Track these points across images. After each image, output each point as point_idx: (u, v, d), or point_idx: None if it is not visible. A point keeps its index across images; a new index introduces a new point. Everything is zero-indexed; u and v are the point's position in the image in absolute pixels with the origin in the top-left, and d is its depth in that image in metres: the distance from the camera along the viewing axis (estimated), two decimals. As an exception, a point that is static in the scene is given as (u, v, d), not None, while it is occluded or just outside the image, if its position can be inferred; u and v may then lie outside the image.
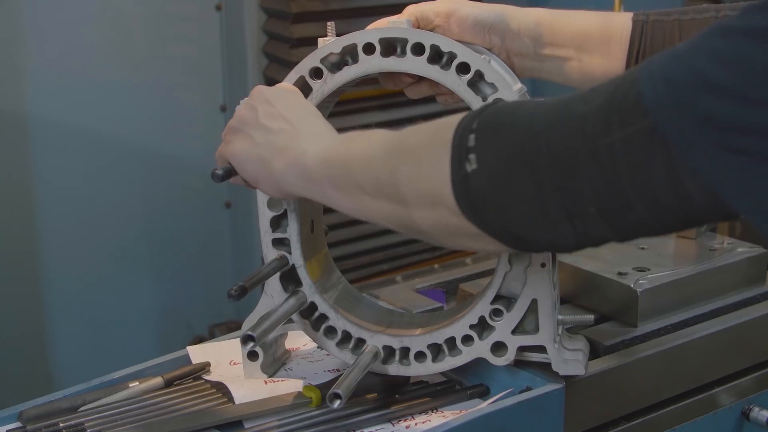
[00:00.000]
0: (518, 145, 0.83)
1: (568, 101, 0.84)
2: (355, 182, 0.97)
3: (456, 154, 0.86)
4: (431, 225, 0.92)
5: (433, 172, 0.88)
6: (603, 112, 0.79)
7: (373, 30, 1.16)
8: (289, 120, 1.08)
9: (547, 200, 0.82)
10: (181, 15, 2.31)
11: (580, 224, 0.82)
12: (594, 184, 0.79)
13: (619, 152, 0.77)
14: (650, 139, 0.76)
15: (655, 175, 0.77)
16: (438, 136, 0.89)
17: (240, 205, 2.40)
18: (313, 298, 1.21)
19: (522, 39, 1.20)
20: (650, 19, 1.18)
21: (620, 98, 0.79)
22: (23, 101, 2.13)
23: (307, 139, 1.05)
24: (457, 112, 2.65)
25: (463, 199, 0.87)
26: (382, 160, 0.95)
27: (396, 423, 1.15)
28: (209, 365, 1.27)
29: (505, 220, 0.86)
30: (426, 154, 0.90)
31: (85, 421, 1.14)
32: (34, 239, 2.20)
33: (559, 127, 0.81)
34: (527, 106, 0.87)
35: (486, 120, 0.87)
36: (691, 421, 1.30)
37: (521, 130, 0.84)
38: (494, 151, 0.84)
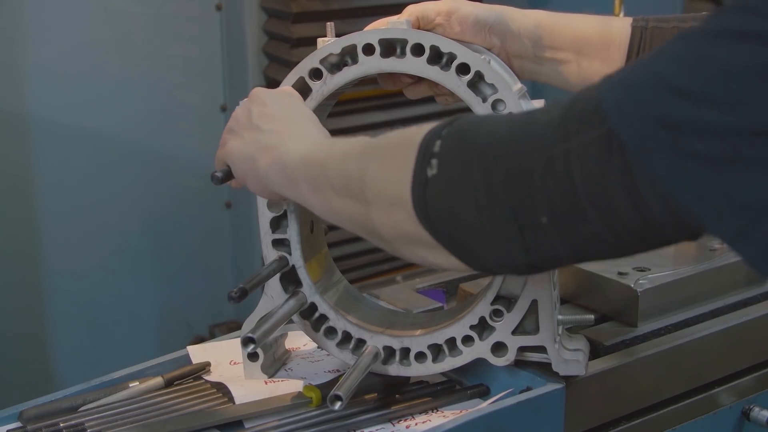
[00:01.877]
0: (477, 153, 0.82)
1: (533, 112, 0.83)
2: (327, 180, 0.97)
3: (420, 157, 0.86)
4: (389, 229, 0.91)
5: (396, 174, 0.88)
6: (562, 120, 0.78)
7: (372, 31, 1.16)
8: (281, 121, 1.08)
9: (498, 209, 0.81)
10: (181, 15, 2.31)
11: (530, 237, 0.80)
12: (548, 193, 0.78)
13: (575, 159, 0.76)
14: (607, 145, 0.74)
15: (611, 183, 0.75)
16: (409, 139, 0.89)
17: (240, 205, 2.40)
18: (314, 299, 1.21)
19: (522, 40, 1.20)
20: (649, 25, 1.18)
21: (580, 106, 0.78)
22: (23, 101, 2.13)
23: (294, 140, 1.05)
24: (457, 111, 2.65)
25: (420, 204, 0.86)
26: (354, 158, 0.95)
27: (396, 423, 1.15)
28: (209, 365, 1.27)
29: (455, 229, 0.85)
30: (394, 155, 0.90)
31: (86, 421, 1.14)
32: (34, 239, 2.20)
33: (519, 135, 0.81)
34: (497, 117, 0.87)
35: (455, 128, 0.86)
36: (691, 421, 1.30)
37: (484, 139, 0.83)
38: (454, 159, 0.84)
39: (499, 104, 1.13)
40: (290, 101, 1.13)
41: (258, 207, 1.21)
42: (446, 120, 0.89)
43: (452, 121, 0.88)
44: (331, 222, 1.03)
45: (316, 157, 1.01)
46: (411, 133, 0.90)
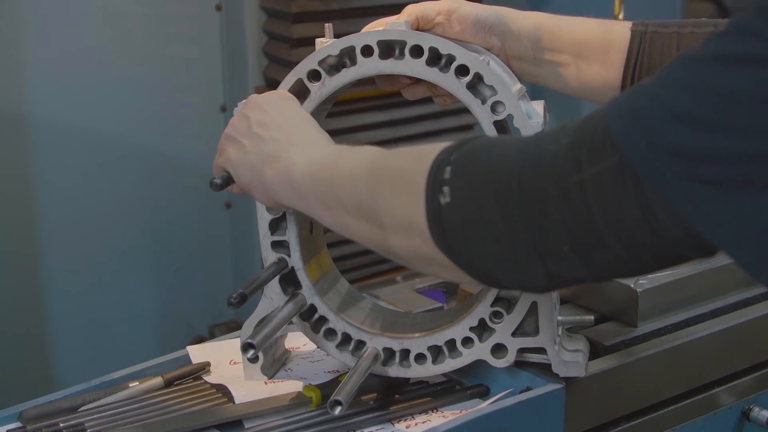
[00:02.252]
0: (490, 183, 0.83)
1: (541, 139, 0.83)
2: (338, 200, 0.97)
3: (431, 184, 0.86)
4: (406, 252, 0.92)
5: (409, 200, 0.88)
6: (573, 149, 0.78)
7: (371, 32, 1.16)
8: (281, 128, 1.08)
9: (518, 240, 0.81)
10: (181, 15, 2.31)
11: (552, 264, 0.81)
12: (566, 223, 0.78)
13: (589, 190, 0.77)
14: (621, 175, 0.75)
15: (627, 210, 0.75)
16: (418, 164, 0.89)
17: (240, 206, 2.41)
18: (313, 301, 1.21)
19: (522, 42, 1.20)
20: (649, 30, 1.19)
21: (589, 135, 0.78)
22: (23, 101, 2.13)
23: (298, 149, 1.04)
24: (456, 112, 2.64)
25: (437, 230, 0.86)
26: (364, 180, 0.95)
27: (396, 423, 1.15)
28: (209, 365, 1.27)
29: (475, 255, 0.86)
30: (404, 180, 0.90)
31: (85, 421, 1.14)
32: (34, 239, 2.20)
33: (530, 165, 0.81)
34: (505, 142, 0.87)
35: (463, 154, 0.86)
36: (691, 421, 1.30)
37: (494, 167, 0.83)
38: (467, 187, 0.84)
39: (498, 106, 1.13)
40: (288, 106, 1.13)
41: (257, 209, 1.21)
42: (453, 144, 0.88)
43: (460, 145, 0.88)
44: (345, 237, 1.02)
45: (323, 173, 1.00)
46: (421, 157, 0.89)
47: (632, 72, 1.19)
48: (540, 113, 1.14)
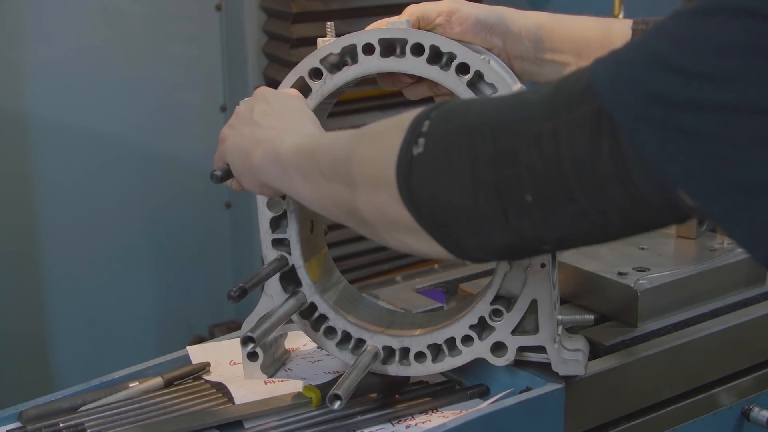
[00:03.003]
0: (464, 133, 0.82)
1: (523, 92, 0.83)
2: (317, 165, 0.97)
3: (408, 137, 0.86)
4: (372, 212, 0.90)
5: (383, 154, 0.88)
6: (552, 96, 0.78)
7: (372, 30, 1.16)
8: (280, 117, 1.08)
9: (482, 189, 0.80)
10: (181, 15, 2.31)
11: (513, 217, 0.79)
12: (533, 171, 0.77)
13: (562, 136, 0.75)
14: (597, 122, 0.74)
15: (599, 160, 0.74)
16: (398, 122, 0.89)
17: (240, 205, 2.41)
18: (313, 299, 1.22)
19: (523, 41, 1.20)
20: (650, 28, 1.18)
21: (571, 84, 0.77)
22: (23, 101, 2.13)
23: (290, 133, 1.05)
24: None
25: (404, 183, 0.85)
26: (344, 141, 0.95)
27: (396, 423, 1.15)
28: (209, 365, 1.27)
29: (438, 210, 0.84)
30: (382, 137, 0.90)
31: (85, 421, 1.14)
32: (34, 239, 2.20)
33: (507, 112, 0.80)
34: (487, 98, 0.87)
35: (444, 108, 0.86)
36: (691, 421, 1.30)
37: (471, 118, 0.82)
38: (441, 137, 0.84)
39: (498, 104, 1.13)
40: (294, 101, 1.13)
41: (258, 207, 1.22)
42: (438, 102, 0.89)
43: (444, 103, 0.88)
44: (318, 211, 1.02)
45: (308, 144, 1.01)
46: (402, 117, 0.90)
47: None
48: (540, 112, 1.14)
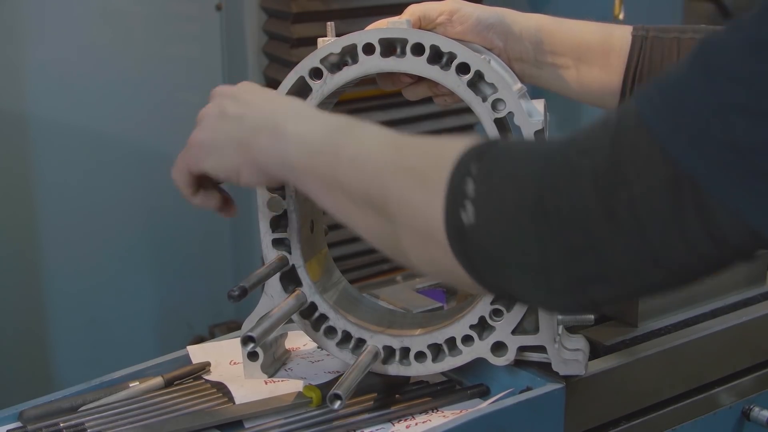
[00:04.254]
0: (522, 208, 0.76)
1: (567, 150, 0.76)
2: (340, 185, 0.92)
3: (452, 196, 0.80)
4: (419, 257, 0.86)
5: (426, 206, 0.82)
6: (613, 162, 0.72)
7: (372, 30, 1.16)
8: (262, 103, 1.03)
9: (556, 269, 0.75)
10: (181, 15, 2.31)
11: (594, 290, 0.76)
12: (614, 246, 0.72)
13: (641, 206, 0.71)
14: (675, 184, 0.69)
15: (686, 222, 0.70)
16: (436, 166, 0.83)
17: (240, 206, 2.40)
18: (313, 299, 1.22)
19: (523, 43, 1.20)
20: (649, 35, 1.19)
21: (629, 143, 0.72)
22: (23, 101, 2.13)
23: (290, 119, 0.99)
24: (457, 112, 2.63)
25: (460, 249, 0.80)
26: (373, 170, 0.89)
27: (396, 423, 1.15)
28: (209, 365, 1.27)
29: (504, 281, 0.80)
30: (421, 182, 0.84)
31: (86, 421, 1.14)
32: (34, 239, 2.20)
33: (567, 185, 0.74)
34: (529, 154, 0.80)
35: (486, 168, 0.80)
36: (691, 421, 1.30)
37: (524, 187, 0.77)
38: (494, 211, 0.78)
39: (499, 103, 1.13)
40: (258, 87, 1.08)
41: (258, 206, 1.22)
42: (472, 150, 0.82)
43: (482, 153, 0.81)
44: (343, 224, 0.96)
45: (324, 153, 0.94)
46: (439, 158, 0.83)
47: (632, 77, 1.19)
48: (540, 112, 1.14)
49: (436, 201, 0.81)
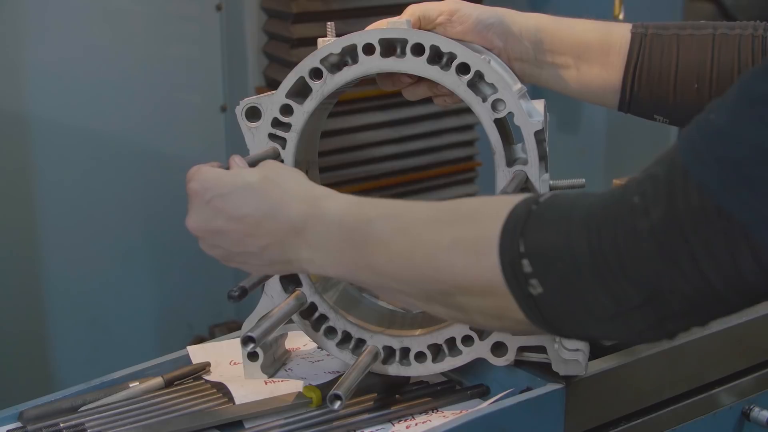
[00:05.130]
0: (586, 271, 0.78)
1: (620, 214, 0.77)
2: (391, 289, 0.91)
3: (513, 280, 0.81)
4: (497, 328, 0.90)
5: (491, 297, 0.83)
6: (671, 222, 0.74)
7: (372, 30, 1.16)
8: (262, 222, 0.97)
9: (631, 315, 0.78)
10: (182, 15, 2.31)
11: (669, 324, 0.79)
12: (683, 294, 0.75)
13: (703, 257, 0.74)
14: (730, 233, 0.72)
15: (744, 265, 0.73)
16: (481, 261, 0.83)
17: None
18: (313, 299, 1.22)
19: (523, 43, 1.20)
20: (649, 32, 1.19)
21: (682, 200, 0.74)
22: (23, 101, 2.13)
23: (301, 246, 0.95)
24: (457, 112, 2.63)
25: (536, 318, 0.82)
26: (422, 287, 0.88)
27: (396, 423, 1.15)
28: (209, 365, 1.27)
29: (583, 332, 0.84)
30: (475, 279, 0.84)
31: (86, 421, 1.14)
32: (34, 240, 2.20)
33: (629, 247, 0.76)
34: (574, 221, 0.80)
35: (535, 242, 0.81)
36: (691, 421, 1.30)
37: (581, 253, 0.78)
38: (559, 278, 0.80)
39: (499, 103, 1.13)
40: (246, 194, 0.99)
41: (258, 207, 1.21)
42: (508, 227, 0.82)
43: (522, 228, 0.82)
44: None
45: (358, 266, 0.92)
46: (480, 253, 0.83)
47: (632, 74, 1.19)
48: (540, 112, 1.14)
49: (498, 287, 0.82)
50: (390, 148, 2.35)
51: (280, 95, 1.19)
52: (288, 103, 1.18)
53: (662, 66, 1.17)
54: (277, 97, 1.19)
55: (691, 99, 1.17)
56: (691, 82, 1.16)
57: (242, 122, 1.20)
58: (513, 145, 1.18)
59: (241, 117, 1.20)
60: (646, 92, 1.19)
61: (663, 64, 1.17)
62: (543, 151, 1.15)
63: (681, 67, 1.16)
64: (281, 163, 1.13)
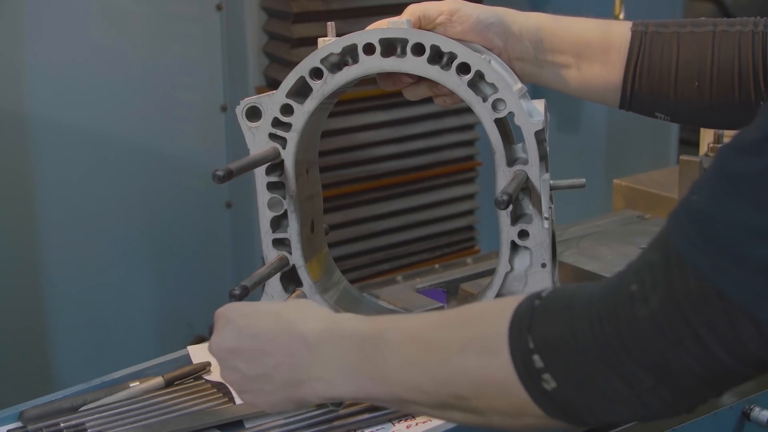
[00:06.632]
0: (595, 360, 0.79)
1: (620, 304, 0.78)
2: (405, 401, 0.91)
3: (527, 377, 0.82)
4: (520, 429, 0.88)
5: (507, 396, 0.84)
6: (671, 307, 0.75)
7: (373, 30, 1.16)
8: (268, 342, 0.96)
9: (647, 396, 0.79)
10: (182, 15, 2.31)
11: (685, 400, 0.80)
12: (692, 371, 0.77)
13: (708, 340, 0.74)
14: (731, 315, 0.73)
15: (749, 341, 0.74)
16: (493, 361, 0.84)
17: (240, 205, 2.41)
18: (314, 299, 1.21)
19: (523, 43, 1.20)
20: (649, 30, 1.19)
21: (679, 284, 0.75)
22: (23, 101, 2.13)
23: (313, 365, 0.94)
24: (457, 112, 2.63)
25: (553, 410, 0.83)
26: (436, 393, 0.88)
27: (396, 423, 1.15)
28: (210, 365, 1.27)
29: (603, 417, 0.84)
30: (489, 379, 0.84)
31: (86, 421, 1.14)
32: (34, 239, 2.20)
33: (633, 334, 0.77)
34: (575, 311, 0.81)
35: (542, 336, 0.82)
36: (691, 421, 1.30)
37: (588, 343, 0.79)
38: (571, 371, 0.80)
39: (499, 103, 1.13)
40: (261, 317, 0.99)
41: (258, 207, 1.22)
42: (519, 322, 0.83)
43: (528, 325, 0.82)
44: None
45: (375, 387, 0.91)
46: (492, 356, 0.84)
47: (633, 72, 1.19)
48: (541, 112, 1.14)
49: (511, 385, 0.83)
50: (390, 148, 2.35)
51: (281, 95, 1.19)
52: (288, 103, 1.18)
53: (663, 64, 1.17)
54: (277, 97, 1.19)
55: (692, 96, 1.17)
56: (692, 79, 1.16)
57: (242, 122, 1.20)
58: (513, 145, 1.18)
59: (242, 117, 1.20)
60: (647, 90, 1.19)
61: (663, 61, 1.17)
62: (543, 151, 1.15)
63: (681, 64, 1.17)
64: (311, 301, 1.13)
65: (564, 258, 1.38)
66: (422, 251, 2.44)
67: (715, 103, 1.16)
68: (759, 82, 1.13)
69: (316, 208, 1.27)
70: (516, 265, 1.16)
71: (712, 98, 1.16)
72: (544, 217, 1.15)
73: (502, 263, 1.16)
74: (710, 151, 1.57)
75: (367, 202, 2.33)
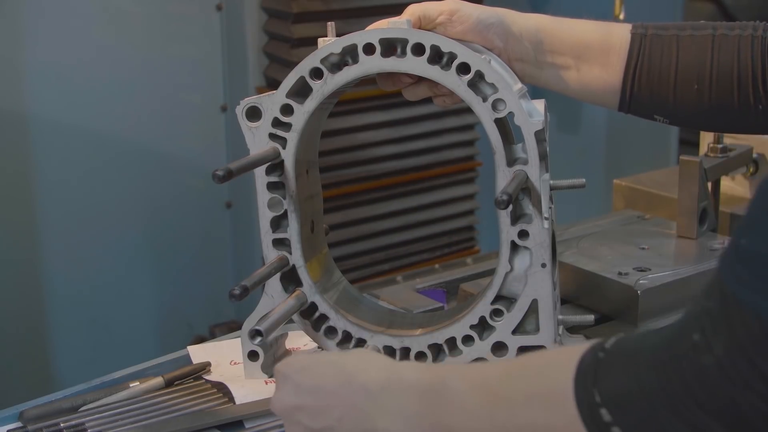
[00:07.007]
0: (664, 411, 0.79)
1: (684, 354, 0.79)
2: None
3: (596, 430, 0.81)
4: None
5: None
6: (736, 352, 0.75)
7: (373, 30, 1.16)
8: (335, 398, 0.94)
9: None
10: (182, 15, 2.31)
11: None
12: (762, 412, 0.76)
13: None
14: None
15: None
16: (560, 414, 0.83)
17: (240, 205, 2.41)
18: (314, 299, 1.22)
19: (523, 43, 1.20)
20: (649, 32, 1.19)
21: (741, 328, 0.75)
22: (23, 101, 2.13)
23: (378, 413, 0.92)
24: (457, 112, 2.63)
25: None
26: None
27: None
28: (210, 365, 1.27)
29: None
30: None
31: (86, 421, 1.14)
32: (34, 239, 2.20)
33: (699, 383, 0.77)
34: (640, 364, 0.81)
35: (609, 390, 0.81)
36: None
37: (655, 395, 0.79)
38: (639, 423, 0.80)
39: (499, 103, 1.13)
40: (320, 368, 0.97)
41: (258, 207, 1.22)
42: (580, 379, 0.82)
43: (594, 380, 0.82)
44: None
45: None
46: (553, 407, 0.83)
47: (632, 75, 1.19)
48: (541, 112, 1.14)
49: None
50: (390, 148, 2.35)
51: (281, 95, 1.19)
52: (288, 103, 1.19)
53: (662, 66, 1.18)
54: (277, 97, 1.19)
55: (691, 99, 1.17)
56: (691, 82, 1.16)
57: (243, 122, 1.20)
58: (513, 145, 1.18)
59: (242, 117, 1.20)
60: (646, 93, 1.19)
61: (663, 64, 1.18)
62: (543, 151, 1.15)
63: (681, 67, 1.17)
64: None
65: (564, 258, 1.38)
66: (422, 251, 2.44)
67: (714, 106, 1.16)
68: (758, 85, 1.14)
69: (316, 208, 1.27)
70: (516, 265, 1.16)
71: (711, 101, 1.16)
72: (544, 217, 1.15)
73: (502, 263, 1.16)
74: (710, 152, 1.57)
75: (367, 202, 2.33)
